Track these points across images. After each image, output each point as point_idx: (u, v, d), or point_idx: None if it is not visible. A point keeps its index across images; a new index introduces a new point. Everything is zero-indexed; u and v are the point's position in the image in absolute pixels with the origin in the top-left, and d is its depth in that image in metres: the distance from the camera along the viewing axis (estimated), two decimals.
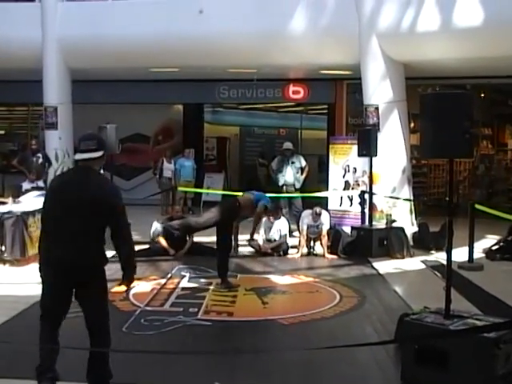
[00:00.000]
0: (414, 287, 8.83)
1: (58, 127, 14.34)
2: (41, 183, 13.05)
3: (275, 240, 10.65)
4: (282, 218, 10.98)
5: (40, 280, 4.61)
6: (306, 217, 10.65)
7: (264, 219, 10.57)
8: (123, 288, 4.73)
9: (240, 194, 9.72)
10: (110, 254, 4.88)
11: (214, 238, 11.77)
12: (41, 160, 13.44)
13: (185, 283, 8.33)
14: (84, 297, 4.56)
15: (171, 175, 16.08)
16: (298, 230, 10.90)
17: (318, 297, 7.79)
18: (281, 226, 10.73)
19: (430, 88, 14.68)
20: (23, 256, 9.14)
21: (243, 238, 11.64)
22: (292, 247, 10.77)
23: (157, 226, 10.74)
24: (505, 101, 19.00)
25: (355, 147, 11.68)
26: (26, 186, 12.86)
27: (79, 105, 15.23)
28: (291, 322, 6.43)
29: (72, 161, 14.36)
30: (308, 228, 10.56)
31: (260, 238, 10.68)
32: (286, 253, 10.63)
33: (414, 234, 11.54)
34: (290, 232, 11.24)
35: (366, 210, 11.56)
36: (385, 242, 10.54)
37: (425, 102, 5.13)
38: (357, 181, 13.13)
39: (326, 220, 10.63)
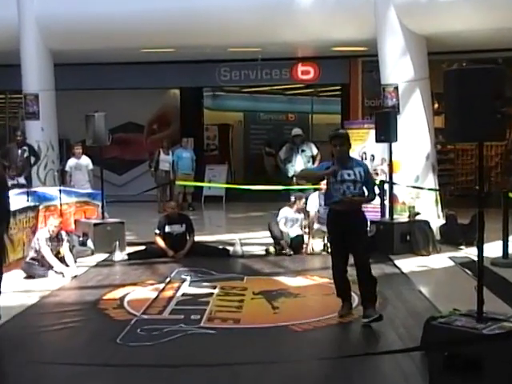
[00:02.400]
0: (442, 287, 8.79)
1: (39, 117, 14.35)
2: (22, 180, 13.05)
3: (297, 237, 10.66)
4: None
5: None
6: (315, 198, 10.66)
7: (287, 209, 10.67)
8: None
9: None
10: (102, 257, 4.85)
11: (217, 237, 11.96)
12: (26, 154, 13.38)
13: (185, 288, 8.30)
14: None
15: (168, 168, 16.09)
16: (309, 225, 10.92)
17: (334, 300, 7.75)
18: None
19: (456, 63, 14.62)
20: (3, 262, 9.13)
21: (251, 235, 11.65)
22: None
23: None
24: None
25: (372, 132, 11.63)
26: None
27: (63, 91, 15.24)
28: (305, 329, 6.41)
29: (57, 154, 14.42)
30: (318, 212, 10.54)
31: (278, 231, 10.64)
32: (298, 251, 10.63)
33: (441, 227, 11.50)
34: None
35: (386, 202, 11.53)
36: (408, 238, 10.50)
37: (450, 79, 5.08)
38: (375, 170, 13.08)
39: None
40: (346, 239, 6.60)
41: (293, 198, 10.86)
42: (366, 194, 6.72)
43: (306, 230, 10.80)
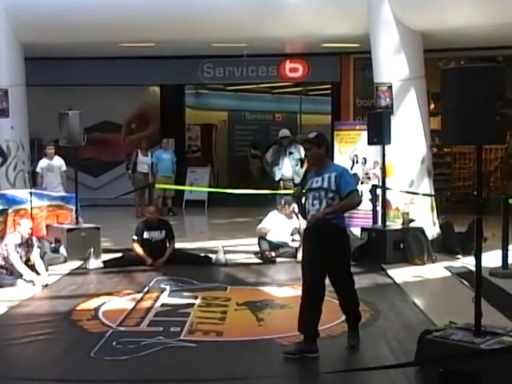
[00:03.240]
0: (437, 299, 8.82)
1: (9, 114, 14.25)
2: None
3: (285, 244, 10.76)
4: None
5: None
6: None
7: (274, 212, 10.78)
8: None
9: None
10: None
11: (199, 244, 11.94)
12: None
13: (165, 298, 8.29)
14: None
15: (147, 170, 16.09)
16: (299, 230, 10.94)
17: (322, 311, 7.77)
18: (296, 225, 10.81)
19: (454, 62, 14.69)
20: None
21: (235, 242, 11.65)
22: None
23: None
24: None
25: (365, 134, 11.65)
26: None
27: (35, 87, 15.18)
28: (292, 342, 6.39)
29: (28, 155, 14.34)
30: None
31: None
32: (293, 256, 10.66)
33: (436, 235, 11.53)
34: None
35: (379, 208, 11.56)
36: (401, 246, 10.54)
37: (447, 78, 5.10)
38: (367, 173, 13.12)
39: None
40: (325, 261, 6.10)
41: (282, 202, 10.89)
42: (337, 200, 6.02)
43: (297, 236, 10.82)
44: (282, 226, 10.81)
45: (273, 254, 10.61)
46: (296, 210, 10.65)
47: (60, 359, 6.03)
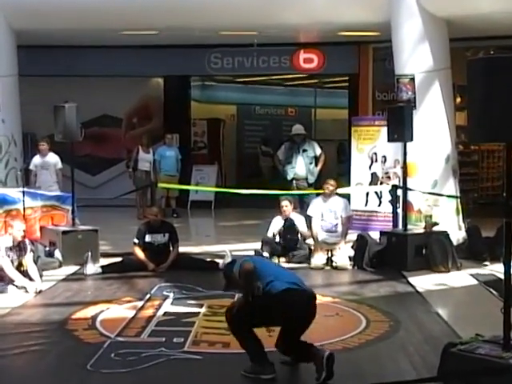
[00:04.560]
0: (463, 309, 8.80)
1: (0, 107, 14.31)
2: None
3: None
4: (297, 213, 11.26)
5: None
6: (317, 203, 10.89)
7: (277, 218, 10.87)
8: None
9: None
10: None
11: (204, 248, 11.94)
12: None
13: (168, 306, 8.30)
14: None
15: (149, 168, 16.10)
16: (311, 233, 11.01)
17: (338, 322, 7.76)
18: (299, 222, 10.96)
19: (482, 51, 14.64)
20: None
21: (243, 247, 11.66)
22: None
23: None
24: None
25: (384, 130, 11.65)
26: None
27: (28, 78, 15.21)
28: None
29: (20, 151, 14.37)
30: (322, 217, 10.78)
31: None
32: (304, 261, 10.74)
33: (462, 240, 11.51)
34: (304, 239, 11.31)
35: (400, 211, 11.54)
36: (423, 251, 10.52)
37: (474, 69, 5.09)
38: (387, 173, 13.13)
39: (342, 205, 10.95)
40: None
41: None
42: None
43: (309, 240, 10.86)
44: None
45: (266, 254, 10.65)
46: (290, 207, 10.73)
47: (54, 372, 6.04)
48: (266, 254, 10.62)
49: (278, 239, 10.96)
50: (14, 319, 7.70)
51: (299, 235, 10.96)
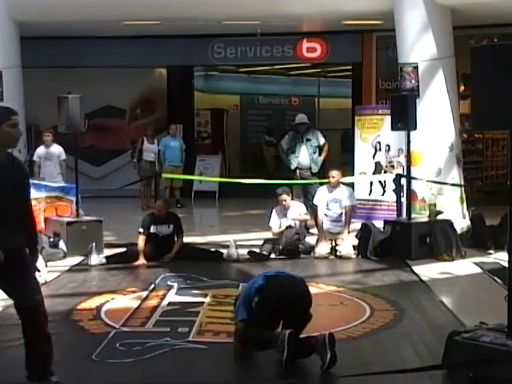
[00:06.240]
0: (467, 297, 8.80)
1: (3, 98, 14.27)
2: None
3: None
4: (297, 201, 11.31)
5: None
6: (323, 192, 10.89)
7: (276, 209, 10.84)
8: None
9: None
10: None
11: (209, 238, 11.95)
12: None
13: (172, 296, 8.31)
14: None
15: (153, 158, 16.11)
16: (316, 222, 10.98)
17: (342, 311, 7.76)
18: (299, 209, 10.93)
19: (486, 39, 14.59)
20: None
21: (247, 236, 11.67)
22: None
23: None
24: None
25: (388, 119, 11.64)
26: None
27: (31, 69, 15.18)
28: None
29: (24, 142, 14.35)
30: (327, 206, 10.79)
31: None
32: (308, 252, 10.70)
33: (466, 228, 11.50)
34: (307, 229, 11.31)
35: (404, 200, 11.53)
36: (428, 240, 10.51)
37: (478, 57, 5.07)
38: (391, 162, 13.11)
39: (347, 193, 10.94)
40: None
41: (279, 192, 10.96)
42: None
43: (314, 230, 10.87)
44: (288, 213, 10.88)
45: (264, 252, 10.61)
46: (289, 199, 10.72)
47: (59, 362, 6.01)
48: (265, 252, 10.61)
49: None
50: None
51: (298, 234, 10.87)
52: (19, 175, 5.22)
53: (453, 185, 12.22)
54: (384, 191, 13.20)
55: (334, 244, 10.74)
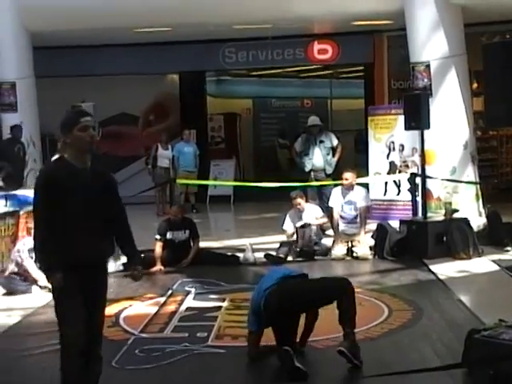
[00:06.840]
0: (485, 295, 8.77)
1: (17, 109, 14.34)
2: None
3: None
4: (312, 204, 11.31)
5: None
6: (337, 194, 10.90)
7: (290, 212, 10.83)
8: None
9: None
10: None
11: (225, 243, 11.96)
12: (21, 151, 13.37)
13: (190, 301, 8.33)
14: None
15: (168, 165, 16.12)
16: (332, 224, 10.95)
17: (360, 312, 7.71)
18: (314, 212, 10.92)
19: (498, 36, 14.54)
20: None
21: (263, 240, 11.67)
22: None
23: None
24: None
25: (401, 118, 11.62)
26: None
27: (45, 79, 15.25)
28: (327, 346, 6.40)
29: (39, 152, 14.40)
30: (342, 209, 10.77)
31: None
32: (325, 254, 10.70)
33: (483, 226, 11.46)
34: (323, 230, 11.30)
35: (419, 199, 11.50)
36: (444, 239, 10.48)
37: (490, 54, 5.07)
38: (405, 161, 13.07)
39: (362, 195, 10.93)
40: None
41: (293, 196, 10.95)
42: None
43: (328, 231, 10.86)
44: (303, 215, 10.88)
45: (281, 255, 10.61)
46: (303, 202, 10.72)
47: None
48: (281, 255, 10.61)
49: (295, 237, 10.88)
50: (38, 319, 7.72)
51: (313, 234, 10.85)
52: (103, 183, 4.87)
53: (468, 183, 12.18)
54: (399, 191, 13.18)
55: (350, 245, 10.73)
